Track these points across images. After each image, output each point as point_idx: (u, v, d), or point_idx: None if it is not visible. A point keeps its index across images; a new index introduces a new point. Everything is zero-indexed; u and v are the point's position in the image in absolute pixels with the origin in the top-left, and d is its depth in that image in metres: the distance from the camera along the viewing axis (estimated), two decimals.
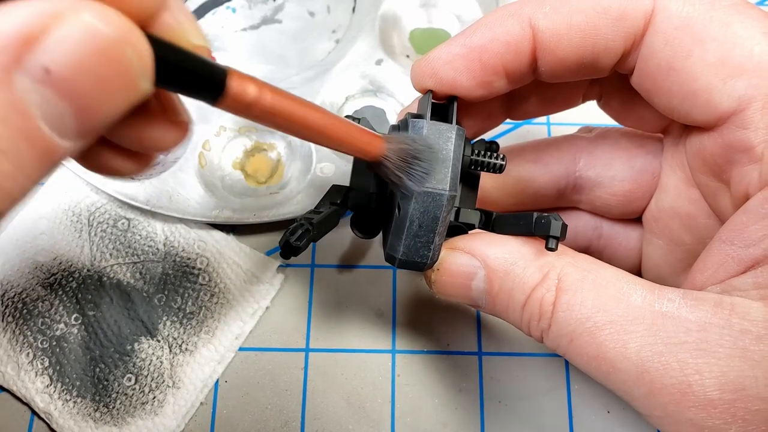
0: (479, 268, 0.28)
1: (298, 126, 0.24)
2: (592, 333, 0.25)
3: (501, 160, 0.30)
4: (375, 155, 0.27)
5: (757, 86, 0.26)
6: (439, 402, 0.40)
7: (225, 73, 0.21)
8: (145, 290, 0.41)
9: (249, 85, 0.22)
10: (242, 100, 0.22)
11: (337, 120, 0.26)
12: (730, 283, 0.25)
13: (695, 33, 0.26)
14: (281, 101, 0.23)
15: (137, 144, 0.23)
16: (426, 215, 0.27)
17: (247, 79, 0.22)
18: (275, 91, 0.23)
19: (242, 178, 0.45)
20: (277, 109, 0.23)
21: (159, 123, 0.23)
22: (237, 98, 0.22)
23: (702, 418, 0.23)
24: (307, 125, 0.24)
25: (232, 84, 0.21)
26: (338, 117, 0.26)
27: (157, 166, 0.44)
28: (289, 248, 0.26)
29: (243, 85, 0.22)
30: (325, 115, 0.25)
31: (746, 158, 0.26)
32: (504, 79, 0.30)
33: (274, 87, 0.23)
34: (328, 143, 0.26)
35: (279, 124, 0.24)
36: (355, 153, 0.27)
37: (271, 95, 0.23)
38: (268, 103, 0.22)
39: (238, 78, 0.22)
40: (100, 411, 0.39)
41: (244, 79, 0.22)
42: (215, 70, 0.21)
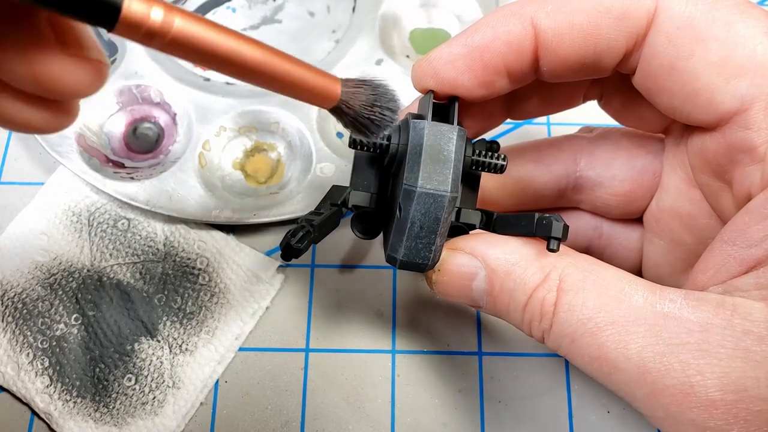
0: (480, 268, 0.28)
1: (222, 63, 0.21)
2: (593, 334, 0.25)
3: (502, 161, 0.30)
4: (328, 100, 0.24)
5: (759, 86, 0.26)
6: (439, 402, 0.40)
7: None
8: (145, 290, 0.41)
9: (154, 6, 0.19)
10: (144, 26, 0.19)
11: (277, 56, 0.22)
12: (732, 284, 0.25)
13: (697, 33, 0.26)
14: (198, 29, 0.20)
15: (38, 84, 0.21)
16: (427, 217, 0.27)
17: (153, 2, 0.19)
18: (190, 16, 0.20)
19: (242, 178, 0.45)
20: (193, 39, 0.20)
21: (58, 57, 0.20)
22: (137, 23, 0.19)
23: (704, 419, 0.23)
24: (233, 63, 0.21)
25: (132, 4, 0.19)
26: (282, 54, 0.23)
27: (156, 166, 0.44)
28: (290, 250, 0.26)
29: (145, 7, 0.19)
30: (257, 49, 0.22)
31: (748, 158, 0.26)
32: (505, 78, 0.30)
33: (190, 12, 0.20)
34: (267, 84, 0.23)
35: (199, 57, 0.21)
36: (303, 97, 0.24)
37: (183, 20, 0.20)
38: (177, 30, 0.19)
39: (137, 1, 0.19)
40: (100, 411, 0.39)
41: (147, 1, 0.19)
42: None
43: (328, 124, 0.46)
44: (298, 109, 0.46)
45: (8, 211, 0.44)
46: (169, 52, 0.20)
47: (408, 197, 0.27)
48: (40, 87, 0.21)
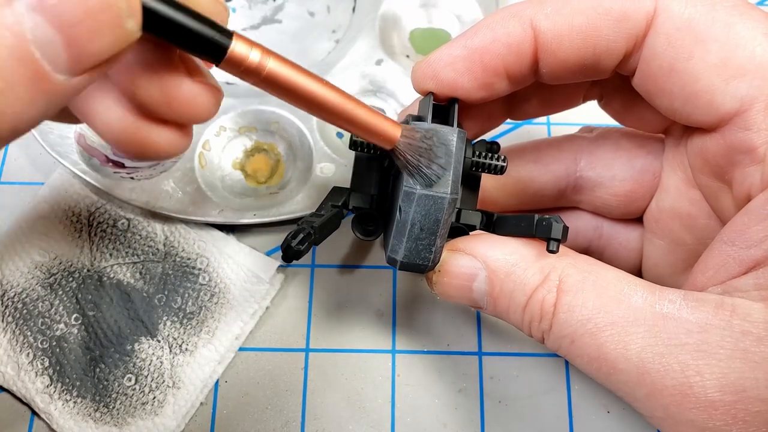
0: (480, 269, 0.28)
1: (306, 100, 0.25)
2: (593, 334, 0.25)
3: (502, 162, 0.30)
4: (387, 143, 0.27)
5: (759, 87, 0.26)
6: (439, 402, 0.40)
7: (230, 35, 0.22)
8: (145, 290, 0.41)
9: (254, 50, 0.23)
10: (244, 64, 0.23)
11: (351, 101, 0.26)
12: (731, 284, 0.25)
13: (697, 34, 0.26)
14: (287, 71, 0.24)
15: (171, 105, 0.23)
16: (427, 218, 0.27)
17: (253, 45, 0.23)
18: (281, 59, 0.24)
19: (242, 178, 0.45)
20: (282, 79, 0.24)
21: (188, 82, 0.23)
22: (239, 61, 0.22)
23: (703, 420, 0.23)
24: (315, 102, 0.25)
25: (236, 46, 0.22)
26: (352, 97, 0.26)
27: (156, 166, 0.44)
28: (291, 252, 0.26)
29: (247, 49, 0.22)
30: (335, 93, 0.25)
31: (748, 159, 0.26)
32: (505, 80, 0.30)
33: (281, 56, 0.24)
34: (340, 122, 0.26)
35: (286, 94, 0.24)
36: (366, 137, 0.27)
37: (275, 64, 0.23)
38: (270, 71, 0.23)
39: (242, 41, 0.22)
40: (100, 411, 0.39)
41: (249, 44, 0.23)
42: (220, 30, 0.22)
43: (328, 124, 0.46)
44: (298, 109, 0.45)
45: (8, 211, 0.44)
46: (262, 87, 0.24)
47: (408, 199, 0.27)
48: (173, 107, 0.24)
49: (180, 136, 0.25)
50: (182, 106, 0.24)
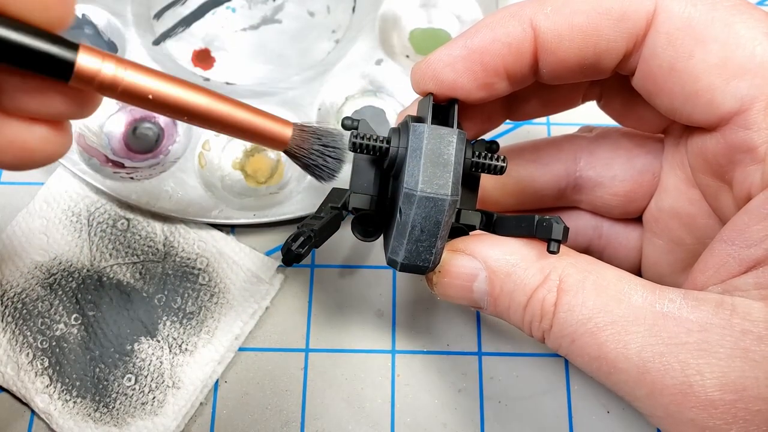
0: (481, 269, 0.28)
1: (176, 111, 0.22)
2: (593, 333, 0.25)
3: (502, 162, 0.30)
4: (279, 144, 0.26)
5: (759, 87, 0.26)
6: (439, 402, 0.40)
7: (75, 47, 0.20)
8: (145, 290, 0.41)
9: (106, 61, 0.20)
10: (96, 79, 0.20)
11: (228, 104, 0.24)
12: (732, 284, 0.25)
13: (697, 33, 0.26)
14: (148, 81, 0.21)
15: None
16: (428, 220, 0.27)
17: (104, 56, 0.20)
18: (140, 68, 0.21)
19: (242, 178, 0.45)
20: (142, 91, 0.21)
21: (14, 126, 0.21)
22: (90, 77, 0.20)
23: (703, 419, 0.23)
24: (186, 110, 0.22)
25: (83, 60, 0.20)
26: (231, 100, 0.24)
27: (156, 166, 0.44)
28: (292, 255, 0.27)
29: (96, 62, 0.20)
30: (209, 98, 0.23)
31: (749, 159, 0.26)
32: (505, 80, 0.30)
33: (141, 65, 0.21)
34: (219, 128, 0.24)
35: (152, 106, 0.22)
36: (256, 140, 0.25)
37: (134, 74, 0.21)
38: (128, 83, 0.21)
39: (90, 53, 0.20)
40: (100, 411, 0.39)
41: (99, 56, 0.20)
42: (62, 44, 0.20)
43: (328, 124, 0.46)
44: (299, 109, 0.46)
45: (8, 211, 0.44)
46: (122, 100, 0.21)
47: (409, 201, 0.27)
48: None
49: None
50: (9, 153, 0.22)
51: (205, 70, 0.48)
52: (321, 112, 0.46)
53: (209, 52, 0.49)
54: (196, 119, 0.23)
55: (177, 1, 0.51)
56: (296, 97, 0.46)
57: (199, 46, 0.49)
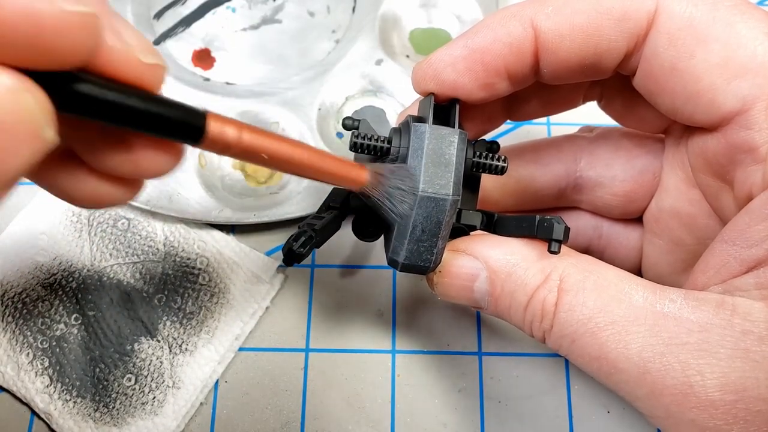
0: (481, 269, 0.28)
1: (279, 163, 0.25)
2: (593, 334, 0.25)
3: (502, 162, 0.30)
4: (357, 187, 0.28)
5: (761, 86, 0.26)
6: (439, 402, 0.40)
7: (203, 117, 0.22)
8: (145, 290, 0.41)
9: (228, 127, 0.22)
10: (222, 143, 0.22)
11: (318, 155, 0.26)
12: (732, 284, 0.25)
13: (698, 33, 0.26)
14: (260, 141, 0.23)
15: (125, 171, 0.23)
16: (429, 220, 0.27)
17: (226, 122, 0.22)
18: (253, 130, 0.23)
19: (242, 178, 0.45)
20: (256, 149, 0.23)
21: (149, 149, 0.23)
22: (216, 141, 0.22)
23: (704, 419, 0.23)
24: (288, 162, 0.25)
25: (211, 127, 0.22)
26: (318, 151, 0.26)
27: None
28: (293, 255, 0.27)
29: (222, 128, 0.22)
30: (304, 151, 0.25)
31: (750, 159, 0.26)
32: (506, 80, 0.30)
33: (252, 126, 0.23)
34: (311, 177, 0.26)
35: (259, 161, 0.24)
36: (338, 185, 0.28)
37: (249, 136, 0.23)
38: (246, 143, 0.23)
39: (216, 121, 0.22)
40: (100, 411, 0.39)
41: (223, 122, 0.22)
42: (192, 115, 0.21)
43: (328, 124, 0.46)
44: (299, 109, 0.46)
45: (8, 211, 0.44)
46: (236, 158, 0.24)
47: None
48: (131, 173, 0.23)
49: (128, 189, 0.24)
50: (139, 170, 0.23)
51: (205, 70, 0.48)
52: (321, 112, 0.46)
53: (209, 52, 0.49)
54: (296, 171, 0.26)
55: (177, 1, 0.50)
56: (296, 97, 0.46)
57: (199, 46, 0.49)
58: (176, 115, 0.21)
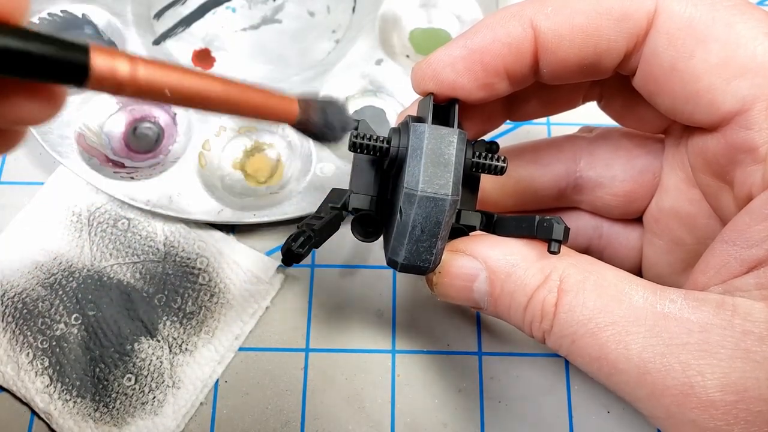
0: (481, 270, 0.28)
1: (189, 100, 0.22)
2: (593, 334, 0.25)
3: (502, 162, 0.30)
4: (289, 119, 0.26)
5: (760, 86, 0.26)
6: (439, 402, 0.40)
7: (86, 52, 0.19)
8: (145, 290, 0.41)
9: (119, 61, 0.20)
10: (112, 81, 0.20)
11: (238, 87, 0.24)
12: (733, 284, 0.25)
13: (698, 33, 0.26)
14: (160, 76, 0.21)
15: None
16: (428, 220, 0.27)
17: (116, 55, 0.20)
18: (151, 63, 0.21)
19: (242, 178, 0.45)
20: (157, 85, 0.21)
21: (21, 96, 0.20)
22: (106, 79, 0.20)
23: (704, 420, 0.23)
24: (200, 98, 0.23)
25: (97, 64, 0.19)
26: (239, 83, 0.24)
27: (156, 166, 0.44)
28: (292, 255, 0.27)
29: (111, 63, 0.20)
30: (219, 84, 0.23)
31: (750, 159, 0.26)
32: (505, 81, 0.30)
33: (150, 59, 0.21)
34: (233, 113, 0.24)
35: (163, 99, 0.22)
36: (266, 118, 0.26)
37: (146, 70, 0.21)
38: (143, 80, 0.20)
39: (102, 55, 0.19)
40: (100, 411, 0.39)
41: (111, 56, 0.20)
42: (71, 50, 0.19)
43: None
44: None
45: (8, 211, 0.44)
46: (137, 98, 0.21)
47: (409, 201, 0.27)
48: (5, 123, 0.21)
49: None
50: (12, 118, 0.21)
51: (205, 70, 0.48)
52: None
53: (209, 52, 0.49)
54: (211, 107, 0.23)
55: (177, 1, 0.50)
56: None
57: (199, 46, 0.49)
58: (51, 52, 0.18)
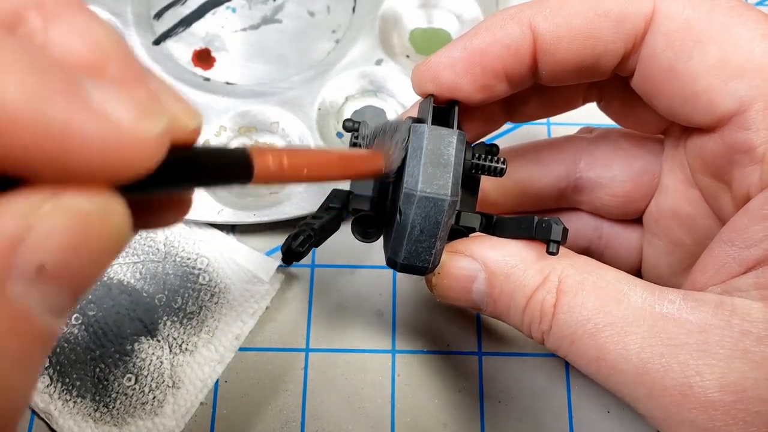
0: (480, 271, 0.28)
1: (315, 177, 0.25)
2: (592, 335, 0.25)
3: (501, 164, 0.30)
4: (381, 171, 0.28)
5: (758, 87, 0.26)
6: (439, 402, 0.40)
7: (248, 157, 0.21)
8: (145, 290, 0.41)
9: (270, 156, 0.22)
10: (268, 175, 0.22)
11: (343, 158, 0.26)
12: (731, 284, 0.25)
13: (696, 35, 0.26)
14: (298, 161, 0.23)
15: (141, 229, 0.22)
16: (428, 221, 0.27)
17: (265, 152, 0.22)
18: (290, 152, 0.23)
19: None
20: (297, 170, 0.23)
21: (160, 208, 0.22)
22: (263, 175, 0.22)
23: (703, 420, 0.23)
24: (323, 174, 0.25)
25: (257, 163, 0.21)
26: (341, 152, 0.27)
27: None
28: (291, 254, 0.27)
29: (265, 160, 0.22)
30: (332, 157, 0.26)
31: (747, 159, 0.26)
32: (504, 82, 0.30)
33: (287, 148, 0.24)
34: (339, 179, 0.27)
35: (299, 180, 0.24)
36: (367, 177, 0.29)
37: (289, 159, 0.23)
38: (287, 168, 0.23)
39: (258, 155, 0.22)
40: (100, 411, 0.39)
41: (263, 154, 0.22)
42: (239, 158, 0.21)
43: (328, 124, 0.46)
44: (298, 109, 0.46)
45: None
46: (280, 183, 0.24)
47: (408, 201, 0.27)
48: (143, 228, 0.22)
49: None
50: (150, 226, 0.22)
51: (205, 70, 0.48)
52: (321, 112, 0.46)
53: (209, 52, 0.49)
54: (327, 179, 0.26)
55: (177, 1, 0.51)
56: (296, 97, 0.46)
57: (199, 46, 0.49)
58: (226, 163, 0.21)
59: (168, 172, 0.18)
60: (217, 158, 0.21)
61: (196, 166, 0.20)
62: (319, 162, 0.25)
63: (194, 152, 0.20)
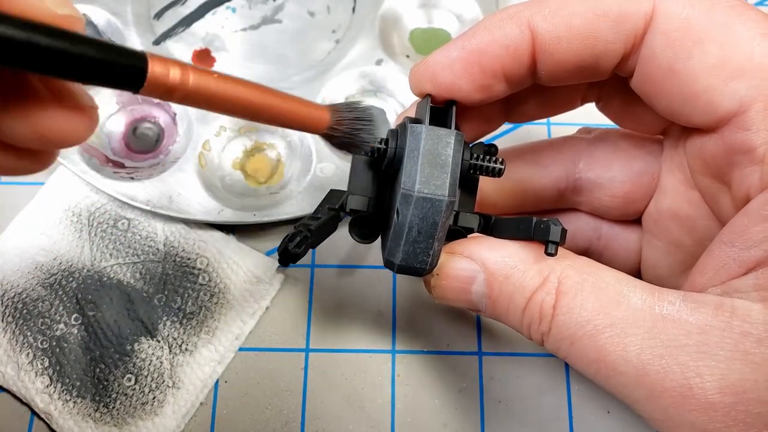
0: (479, 272, 0.28)
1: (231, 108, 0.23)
2: (592, 336, 0.25)
3: (500, 164, 0.29)
4: (319, 128, 0.26)
5: (758, 87, 0.25)
6: (439, 402, 0.40)
7: (144, 59, 0.20)
8: (145, 290, 0.41)
9: (172, 68, 0.21)
10: (165, 86, 0.21)
11: (276, 96, 0.25)
12: (731, 285, 0.25)
13: (695, 35, 0.26)
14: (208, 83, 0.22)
15: (35, 140, 0.22)
16: (425, 221, 0.27)
17: (170, 63, 0.21)
18: (201, 71, 0.22)
19: (242, 178, 0.45)
20: (204, 92, 0.22)
21: (57, 112, 0.21)
22: (159, 84, 0.21)
23: (703, 422, 0.23)
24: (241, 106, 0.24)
25: (154, 70, 0.21)
26: (276, 92, 0.25)
27: (156, 166, 0.44)
28: (288, 255, 0.27)
29: (166, 70, 0.21)
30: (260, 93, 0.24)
31: (747, 160, 0.26)
32: (503, 82, 0.30)
33: (199, 67, 0.22)
34: (267, 121, 0.25)
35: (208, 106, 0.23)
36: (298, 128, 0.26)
37: (196, 77, 0.22)
38: (192, 86, 0.22)
39: (158, 62, 0.21)
40: (100, 411, 0.39)
41: (166, 63, 0.21)
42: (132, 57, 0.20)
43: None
44: None
45: (8, 211, 0.44)
46: (182, 103, 0.22)
47: (406, 202, 0.27)
48: (41, 142, 0.21)
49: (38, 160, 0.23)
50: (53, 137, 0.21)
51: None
52: None
53: (209, 52, 0.49)
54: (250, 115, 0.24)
55: (177, 1, 0.50)
56: None
57: (199, 46, 0.49)
58: (114, 58, 0.20)
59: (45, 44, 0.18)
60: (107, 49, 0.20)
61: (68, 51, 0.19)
62: (239, 93, 0.23)
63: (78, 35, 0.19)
